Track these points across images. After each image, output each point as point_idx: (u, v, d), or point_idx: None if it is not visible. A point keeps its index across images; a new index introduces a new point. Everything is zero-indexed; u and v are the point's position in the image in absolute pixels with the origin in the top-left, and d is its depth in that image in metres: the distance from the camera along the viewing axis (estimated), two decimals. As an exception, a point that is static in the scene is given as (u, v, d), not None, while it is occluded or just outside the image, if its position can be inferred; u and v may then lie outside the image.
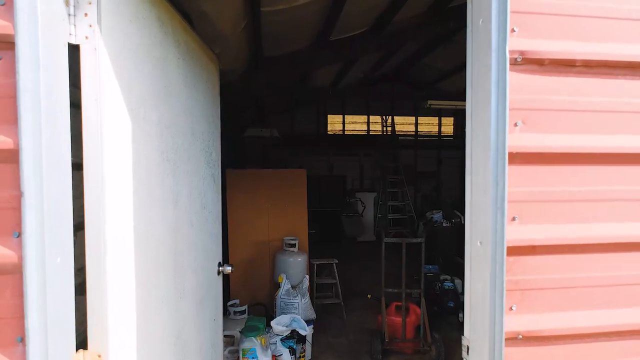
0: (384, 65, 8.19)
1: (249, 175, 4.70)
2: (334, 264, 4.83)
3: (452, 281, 4.53)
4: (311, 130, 10.47)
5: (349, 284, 5.68)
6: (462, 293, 4.76)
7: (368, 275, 6.48)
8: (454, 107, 6.01)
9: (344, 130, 10.74)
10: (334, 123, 10.75)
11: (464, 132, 1.22)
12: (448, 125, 11.17)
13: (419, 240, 3.65)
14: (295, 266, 4.19)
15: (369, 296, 4.17)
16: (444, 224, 6.67)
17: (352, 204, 9.51)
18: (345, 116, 10.70)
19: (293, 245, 4.31)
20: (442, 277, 4.62)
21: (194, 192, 1.77)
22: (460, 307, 4.34)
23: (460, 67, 8.15)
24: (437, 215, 6.97)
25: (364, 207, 9.52)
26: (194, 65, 1.79)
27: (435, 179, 11.04)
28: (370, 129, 10.81)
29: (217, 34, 2.83)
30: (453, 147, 11.03)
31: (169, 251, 1.46)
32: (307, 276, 4.18)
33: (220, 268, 2.17)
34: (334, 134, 10.71)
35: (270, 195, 4.62)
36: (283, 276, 4.02)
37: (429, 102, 5.85)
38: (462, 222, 6.80)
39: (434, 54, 7.68)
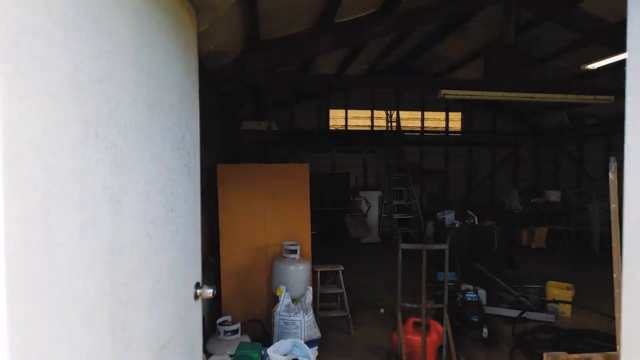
0: (390, 55, 7.68)
1: (243, 170, 4.10)
2: (340, 272, 4.28)
3: (475, 291, 3.96)
4: (312, 126, 9.93)
5: (354, 291, 5.14)
6: (486, 304, 4.21)
7: (374, 281, 5.95)
8: (470, 97, 5.42)
9: (346, 125, 10.19)
10: (336, 118, 10.18)
11: (472, 127, 0.66)
12: (456, 121, 10.59)
13: (442, 246, 3.10)
14: (296, 276, 3.62)
15: (382, 310, 3.62)
16: (457, 225, 6.12)
17: (356, 203, 8.94)
18: (348, 111, 10.15)
19: (294, 252, 3.74)
20: (463, 287, 4.06)
21: (154, 188, 1.22)
22: (484, 321, 3.80)
23: (471, 57, 7.62)
24: (449, 216, 6.39)
25: (369, 206, 8.96)
26: (152, 4, 1.24)
27: (443, 177, 10.49)
28: (375, 124, 10.26)
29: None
30: (461, 144, 10.47)
31: (100, 287, 0.91)
32: (310, 288, 3.61)
33: (199, 291, 1.62)
34: (336, 129, 10.15)
35: (267, 193, 4.04)
36: (282, 288, 3.45)
37: (442, 91, 5.25)
38: (476, 223, 6.28)
39: (443, 42, 7.17)
